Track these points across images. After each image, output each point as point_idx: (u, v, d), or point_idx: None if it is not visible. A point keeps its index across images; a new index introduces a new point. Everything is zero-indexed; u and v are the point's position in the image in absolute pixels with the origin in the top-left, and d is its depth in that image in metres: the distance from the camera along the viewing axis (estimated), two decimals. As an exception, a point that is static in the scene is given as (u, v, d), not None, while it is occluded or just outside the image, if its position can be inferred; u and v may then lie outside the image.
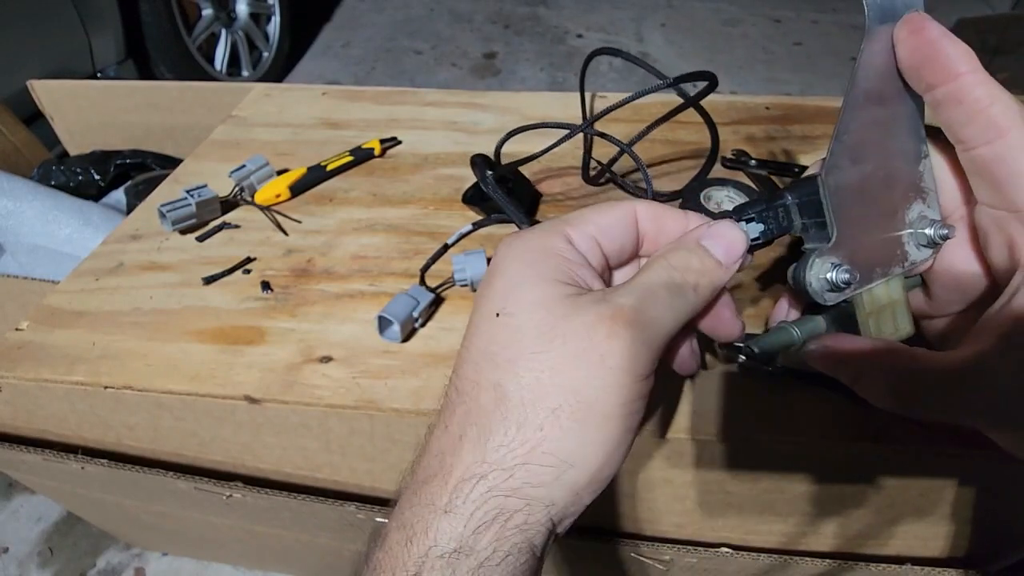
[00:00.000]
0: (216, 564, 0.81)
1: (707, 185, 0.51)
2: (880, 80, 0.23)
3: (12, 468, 0.55)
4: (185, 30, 1.63)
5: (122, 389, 0.40)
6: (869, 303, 0.25)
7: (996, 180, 0.21)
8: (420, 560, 0.20)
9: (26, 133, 0.92)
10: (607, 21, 2.44)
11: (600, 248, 0.25)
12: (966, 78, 0.21)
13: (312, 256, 0.49)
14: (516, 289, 0.23)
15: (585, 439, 0.21)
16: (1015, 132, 0.20)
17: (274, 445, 0.43)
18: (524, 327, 0.22)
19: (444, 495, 0.21)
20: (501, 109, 0.67)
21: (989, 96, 0.21)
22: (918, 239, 0.25)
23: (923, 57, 0.21)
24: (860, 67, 0.22)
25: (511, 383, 0.21)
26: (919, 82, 0.22)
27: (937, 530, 0.43)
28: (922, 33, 0.21)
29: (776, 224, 0.25)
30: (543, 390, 0.21)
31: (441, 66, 2.14)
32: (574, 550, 0.47)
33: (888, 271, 0.25)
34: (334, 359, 0.41)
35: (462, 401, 0.22)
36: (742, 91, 1.94)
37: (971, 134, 0.21)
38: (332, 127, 0.66)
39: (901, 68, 0.22)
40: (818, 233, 0.24)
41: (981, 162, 0.21)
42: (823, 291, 0.25)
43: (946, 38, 0.21)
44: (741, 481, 0.39)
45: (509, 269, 0.24)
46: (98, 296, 0.46)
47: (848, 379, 0.24)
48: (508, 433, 0.21)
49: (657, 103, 0.66)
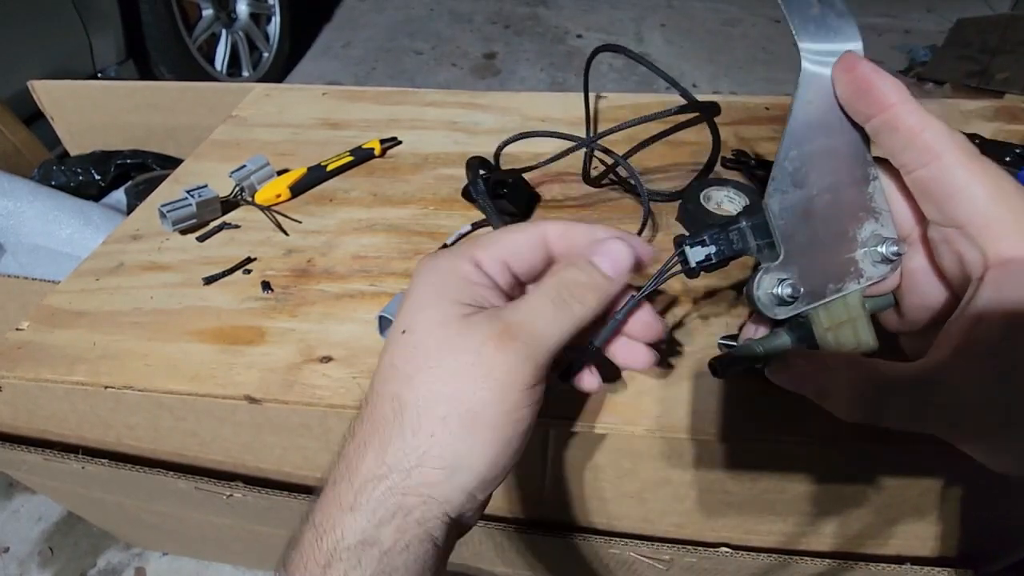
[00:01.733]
0: (216, 564, 0.81)
1: (707, 185, 0.51)
2: (823, 113, 0.25)
3: (13, 468, 0.55)
4: (185, 30, 1.63)
5: (122, 389, 0.40)
6: (827, 318, 0.26)
7: (936, 199, 0.23)
8: (330, 553, 0.22)
9: (26, 133, 0.92)
10: (607, 21, 2.44)
11: (508, 268, 0.27)
12: (898, 108, 0.22)
13: (312, 256, 0.49)
14: (420, 309, 0.25)
15: (472, 444, 0.23)
16: (947, 154, 0.22)
17: (274, 445, 0.43)
18: (423, 343, 0.24)
19: (350, 495, 0.23)
20: (501, 109, 0.67)
21: (921, 123, 0.22)
22: (872, 256, 0.26)
23: (857, 91, 0.23)
24: (797, 103, 0.24)
25: (409, 394, 0.24)
26: (858, 114, 0.24)
27: (937, 530, 0.43)
28: (855, 70, 0.23)
29: (728, 246, 0.26)
30: (435, 400, 0.23)
31: (441, 66, 2.14)
32: (574, 550, 0.48)
33: (842, 287, 0.26)
34: (334, 359, 0.41)
35: (369, 412, 0.25)
36: (742, 91, 1.94)
37: (909, 158, 0.23)
38: (332, 127, 0.66)
39: (841, 102, 0.24)
40: (770, 253, 0.26)
41: (921, 183, 0.23)
42: (772, 305, 0.26)
43: (876, 73, 0.23)
44: (741, 481, 0.40)
45: (417, 290, 0.26)
46: (98, 296, 0.46)
47: (814, 394, 0.25)
48: (405, 439, 0.23)
49: (657, 102, 0.66)
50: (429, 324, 0.24)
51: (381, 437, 0.23)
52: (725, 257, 0.26)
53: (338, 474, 0.24)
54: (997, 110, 0.64)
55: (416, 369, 0.24)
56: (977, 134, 0.56)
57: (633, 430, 0.36)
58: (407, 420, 0.23)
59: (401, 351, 0.25)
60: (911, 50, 2.18)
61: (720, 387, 0.38)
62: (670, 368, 0.39)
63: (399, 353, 0.25)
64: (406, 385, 0.24)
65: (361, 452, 0.24)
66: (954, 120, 0.60)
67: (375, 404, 0.24)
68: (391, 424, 0.23)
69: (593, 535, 0.45)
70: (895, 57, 2.19)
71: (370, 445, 0.24)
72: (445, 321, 0.24)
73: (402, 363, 0.24)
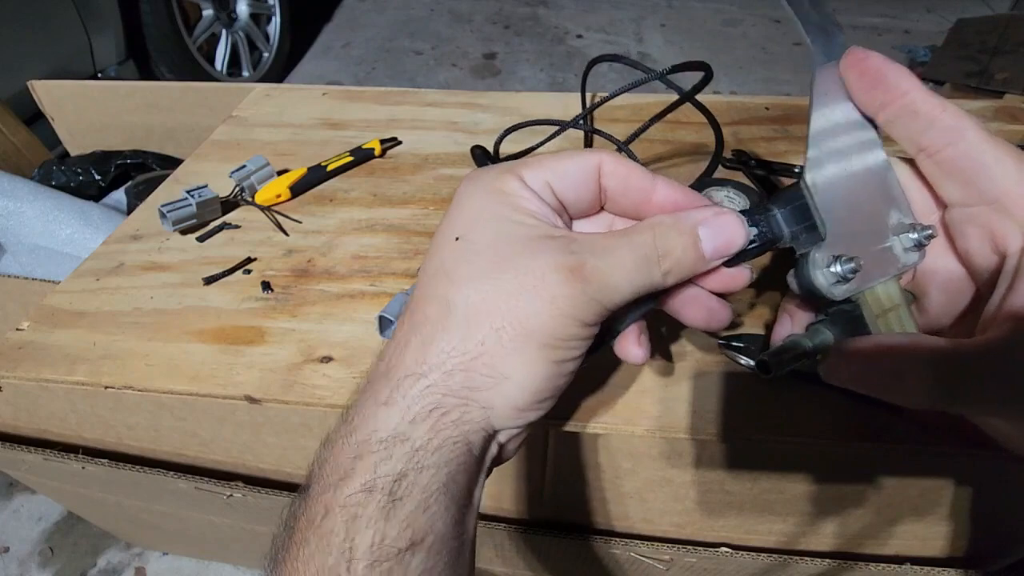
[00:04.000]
0: (216, 564, 0.81)
1: (707, 185, 0.51)
2: (838, 106, 0.25)
3: (13, 468, 0.55)
4: (186, 31, 1.63)
5: (123, 389, 0.40)
6: (875, 304, 0.26)
7: (966, 176, 0.23)
8: (360, 444, 0.22)
9: (27, 133, 0.92)
10: (607, 21, 2.44)
11: (552, 192, 0.26)
12: (914, 93, 0.23)
13: (312, 256, 0.49)
14: (478, 221, 0.24)
15: (523, 360, 0.22)
16: (971, 130, 0.22)
17: (274, 445, 0.43)
18: (482, 252, 0.23)
19: (385, 391, 0.22)
20: (501, 109, 0.67)
21: (939, 104, 0.23)
22: (903, 243, 0.25)
23: (871, 82, 0.23)
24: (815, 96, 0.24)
25: (459, 298, 0.23)
26: (871, 103, 0.24)
27: (937, 530, 0.43)
28: (866, 61, 0.23)
29: (768, 230, 0.25)
30: (488, 310, 0.22)
31: (441, 66, 2.14)
32: (574, 550, 0.48)
33: (885, 272, 0.25)
34: (334, 359, 0.41)
35: (410, 313, 0.24)
36: (742, 91, 1.95)
37: (932, 140, 0.23)
38: (332, 127, 0.66)
39: (853, 96, 0.24)
40: (808, 237, 0.25)
41: (948, 163, 0.23)
42: (830, 285, 0.25)
43: (886, 63, 0.23)
44: (741, 481, 0.40)
45: (469, 201, 0.25)
46: (99, 296, 0.46)
47: (880, 383, 0.23)
48: (450, 342, 0.22)
49: (656, 102, 0.66)
50: (488, 236, 0.23)
51: (423, 336, 0.23)
52: (766, 241, 0.25)
53: (375, 373, 0.24)
54: (997, 110, 0.64)
55: (470, 277, 0.23)
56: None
57: (633, 430, 0.36)
58: (454, 322, 0.22)
59: (453, 256, 0.24)
60: (911, 50, 2.18)
61: (720, 387, 0.38)
62: (670, 368, 0.39)
63: (451, 258, 0.24)
64: (457, 289, 0.23)
65: (400, 351, 0.23)
66: (954, 120, 0.60)
67: (418, 304, 0.24)
68: (435, 324, 0.23)
69: (593, 535, 0.45)
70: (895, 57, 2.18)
71: (410, 344, 0.23)
72: (507, 238, 0.23)
73: (453, 267, 0.23)
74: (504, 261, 0.23)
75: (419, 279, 0.25)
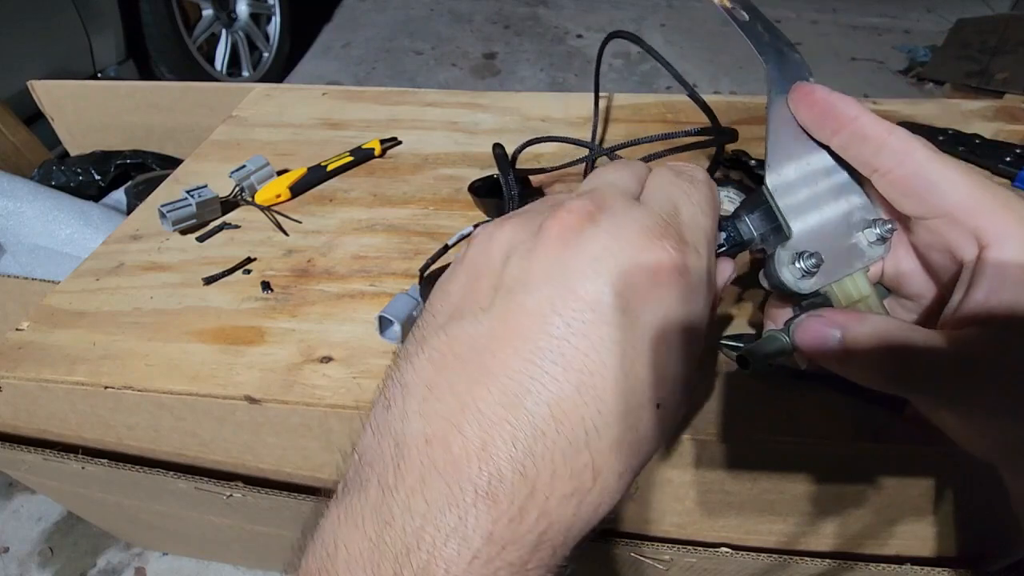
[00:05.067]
0: (216, 564, 0.81)
1: (707, 185, 0.51)
2: (792, 132, 0.26)
3: (12, 468, 0.55)
4: (185, 30, 1.63)
5: (122, 389, 0.40)
6: (843, 296, 0.27)
7: (919, 193, 0.24)
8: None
9: (26, 133, 0.92)
10: (607, 21, 2.44)
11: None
12: (863, 118, 0.24)
13: (312, 256, 0.49)
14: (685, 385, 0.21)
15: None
16: (918, 151, 0.23)
17: (274, 445, 0.43)
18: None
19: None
20: (501, 109, 0.67)
21: (886, 128, 0.24)
22: (868, 237, 0.27)
23: (819, 114, 0.25)
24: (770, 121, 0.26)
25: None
26: (823, 133, 0.25)
27: (936, 530, 0.43)
28: (813, 95, 0.25)
29: (736, 232, 0.27)
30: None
31: (441, 66, 2.14)
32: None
33: (850, 265, 0.27)
34: (334, 359, 0.41)
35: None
36: (742, 91, 1.95)
37: (883, 161, 0.24)
38: (332, 127, 0.66)
39: (806, 128, 0.26)
40: (776, 238, 0.26)
41: (900, 182, 0.24)
42: (796, 280, 0.26)
43: (831, 95, 0.24)
44: (741, 481, 0.40)
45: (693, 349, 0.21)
46: (98, 296, 0.46)
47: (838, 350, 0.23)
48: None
49: (657, 102, 0.66)
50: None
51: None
52: (733, 244, 0.27)
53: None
54: (997, 110, 0.64)
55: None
56: (977, 134, 0.56)
57: (633, 430, 0.36)
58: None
59: (636, 435, 0.19)
60: (911, 50, 2.18)
61: (720, 387, 0.38)
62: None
63: (633, 438, 0.19)
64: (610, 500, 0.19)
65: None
66: (954, 120, 0.60)
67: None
68: None
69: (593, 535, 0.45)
70: (895, 57, 2.20)
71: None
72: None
73: (627, 455, 0.19)
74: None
75: (556, 423, 0.17)
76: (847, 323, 0.24)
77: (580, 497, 0.18)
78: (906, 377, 0.23)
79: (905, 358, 0.22)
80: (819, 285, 0.26)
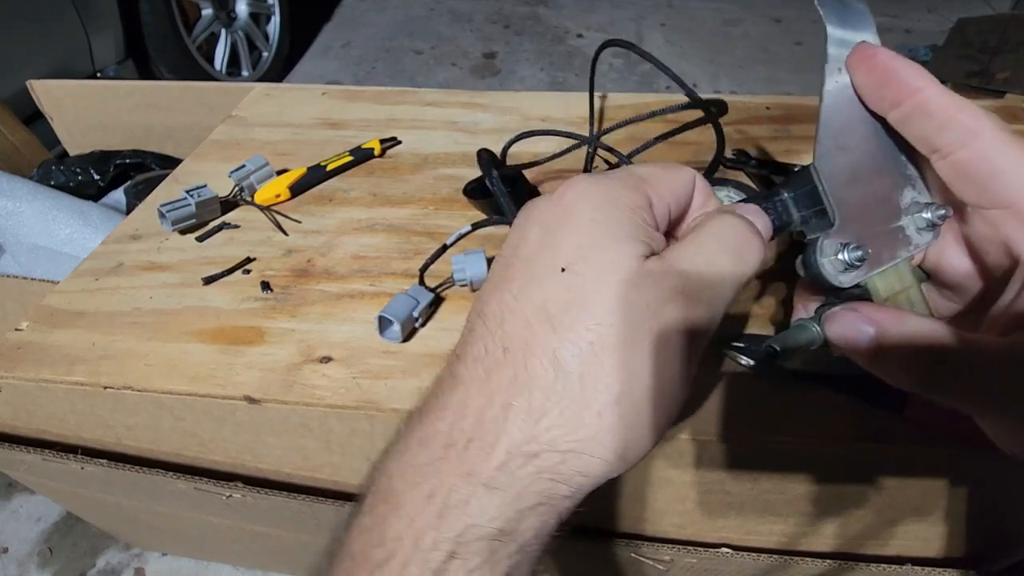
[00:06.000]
0: (216, 564, 0.81)
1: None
2: (849, 101, 0.24)
3: (12, 468, 0.55)
4: (185, 30, 1.63)
5: (122, 389, 0.40)
6: (884, 288, 0.25)
7: (980, 180, 0.21)
8: (457, 538, 0.18)
9: (26, 133, 0.92)
10: (607, 21, 2.44)
11: (669, 216, 0.23)
12: (928, 90, 0.21)
13: (312, 256, 0.49)
14: (590, 247, 0.20)
15: (642, 432, 0.20)
16: (988, 132, 0.21)
17: (274, 445, 0.43)
18: (593, 293, 0.20)
19: (487, 468, 0.19)
20: (501, 109, 0.67)
21: (955, 103, 0.21)
22: (917, 223, 0.25)
23: (880, 79, 0.22)
24: (827, 87, 0.23)
25: (571, 358, 0.19)
26: (881, 102, 0.23)
27: (937, 530, 0.43)
28: (875, 58, 0.22)
29: (777, 217, 0.25)
30: (606, 372, 0.19)
31: (441, 66, 2.14)
32: (574, 550, 0.47)
33: (895, 255, 0.25)
34: (334, 359, 0.41)
35: (508, 363, 0.20)
36: (742, 91, 1.94)
37: (946, 140, 0.22)
38: (332, 127, 0.66)
39: (860, 93, 0.23)
40: (819, 222, 0.24)
41: (962, 166, 0.22)
42: (837, 272, 0.24)
43: (896, 60, 0.22)
44: (741, 481, 0.39)
45: (583, 220, 0.21)
46: (98, 296, 0.46)
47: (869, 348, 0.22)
48: (564, 413, 0.19)
49: (657, 102, 0.66)
50: (600, 269, 0.20)
51: (531, 403, 0.19)
52: (777, 227, 0.25)
53: (463, 432, 0.19)
54: (998, 110, 0.64)
55: (579, 322, 0.19)
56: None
57: (633, 430, 0.36)
58: (570, 390, 0.19)
59: (560, 294, 0.20)
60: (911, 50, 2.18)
61: (720, 387, 0.38)
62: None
63: (555, 296, 0.20)
64: (566, 341, 0.19)
65: (502, 415, 0.19)
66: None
67: (517, 355, 0.20)
68: (546, 389, 0.19)
69: (593, 535, 0.45)
70: (895, 57, 2.19)
71: (515, 410, 0.19)
72: (621, 270, 0.20)
73: (559, 311, 0.20)
74: (618, 303, 0.19)
75: (508, 309, 0.20)
76: (883, 322, 0.22)
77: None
78: (943, 382, 0.21)
79: (944, 364, 0.21)
80: (861, 278, 0.25)
